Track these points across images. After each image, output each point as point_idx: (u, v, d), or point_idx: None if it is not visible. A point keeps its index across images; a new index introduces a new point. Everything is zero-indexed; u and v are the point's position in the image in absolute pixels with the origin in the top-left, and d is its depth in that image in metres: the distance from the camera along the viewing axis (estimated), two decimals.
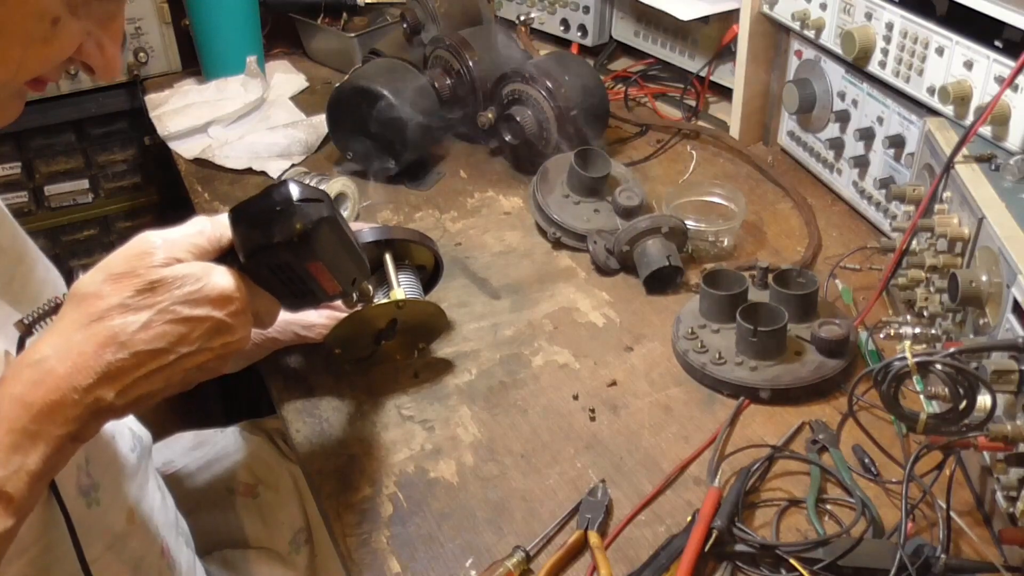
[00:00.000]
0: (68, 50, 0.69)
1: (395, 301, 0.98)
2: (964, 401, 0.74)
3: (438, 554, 0.84)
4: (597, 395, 1.00)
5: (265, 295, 0.75)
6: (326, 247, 0.74)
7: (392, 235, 1.03)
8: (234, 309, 0.71)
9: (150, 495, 0.92)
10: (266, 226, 0.71)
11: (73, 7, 0.67)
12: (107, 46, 0.71)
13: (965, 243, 0.89)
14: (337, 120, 1.37)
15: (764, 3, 1.32)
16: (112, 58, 0.72)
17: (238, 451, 1.19)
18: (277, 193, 0.72)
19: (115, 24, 0.71)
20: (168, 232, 0.71)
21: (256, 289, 0.74)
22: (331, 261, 0.75)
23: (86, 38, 0.70)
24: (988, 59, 0.97)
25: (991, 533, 0.83)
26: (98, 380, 0.65)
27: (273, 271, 0.74)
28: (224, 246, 0.73)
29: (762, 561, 0.81)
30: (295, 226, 0.71)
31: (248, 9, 1.58)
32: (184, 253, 0.70)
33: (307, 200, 0.72)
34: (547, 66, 1.35)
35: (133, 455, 0.89)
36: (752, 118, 1.43)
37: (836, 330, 0.99)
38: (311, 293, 0.77)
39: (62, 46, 0.68)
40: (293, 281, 0.75)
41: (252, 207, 0.72)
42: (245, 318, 0.72)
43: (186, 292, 0.68)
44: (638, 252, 1.15)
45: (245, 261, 0.72)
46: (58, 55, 0.68)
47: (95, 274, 0.68)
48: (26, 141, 1.66)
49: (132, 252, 0.69)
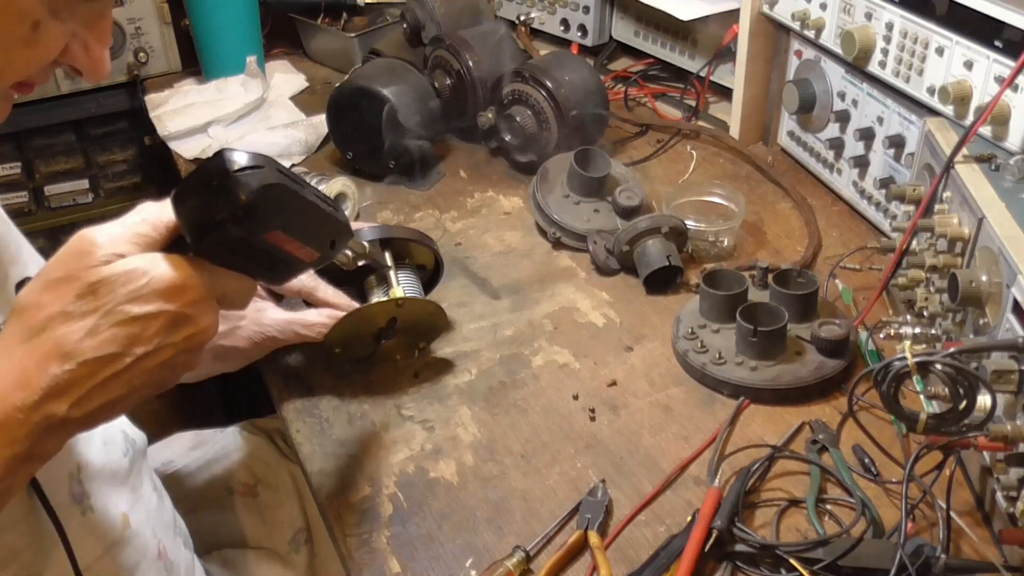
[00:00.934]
0: (51, 53, 0.66)
1: (395, 299, 0.98)
2: (964, 401, 0.74)
3: (438, 554, 0.84)
4: (597, 395, 1.00)
5: (230, 275, 0.68)
6: (279, 214, 0.67)
7: (392, 234, 1.03)
8: (190, 298, 0.65)
9: (146, 497, 0.92)
10: (205, 204, 0.64)
11: (55, 10, 0.64)
12: (93, 47, 0.68)
13: (965, 243, 0.89)
14: (337, 120, 1.37)
15: (764, 3, 1.32)
16: (98, 59, 0.69)
17: (238, 451, 1.19)
18: (212, 166, 0.64)
19: (102, 24, 0.69)
20: (108, 226, 0.65)
21: (217, 271, 0.67)
22: (291, 227, 0.68)
23: (71, 39, 0.67)
24: (988, 59, 0.97)
25: (991, 533, 0.83)
26: (44, 396, 0.61)
27: (230, 250, 0.67)
28: (173, 231, 0.66)
29: (762, 561, 0.81)
30: (237, 199, 0.63)
31: (248, 9, 1.58)
32: (127, 246, 0.64)
33: (245, 168, 0.64)
34: (547, 66, 1.35)
35: (126, 459, 0.89)
36: (752, 118, 1.43)
37: (836, 330, 0.99)
38: (284, 263, 0.71)
39: (44, 50, 0.65)
40: (257, 256, 0.68)
41: (188, 186, 0.65)
42: (205, 305, 0.66)
43: (131, 290, 0.62)
44: (638, 252, 1.15)
45: (194, 244, 0.66)
46: (40, 59, 0.66)
47: (34, 283, 0.63)
48: (26, 141, 1.66)
49: (69, 254, 0.63)
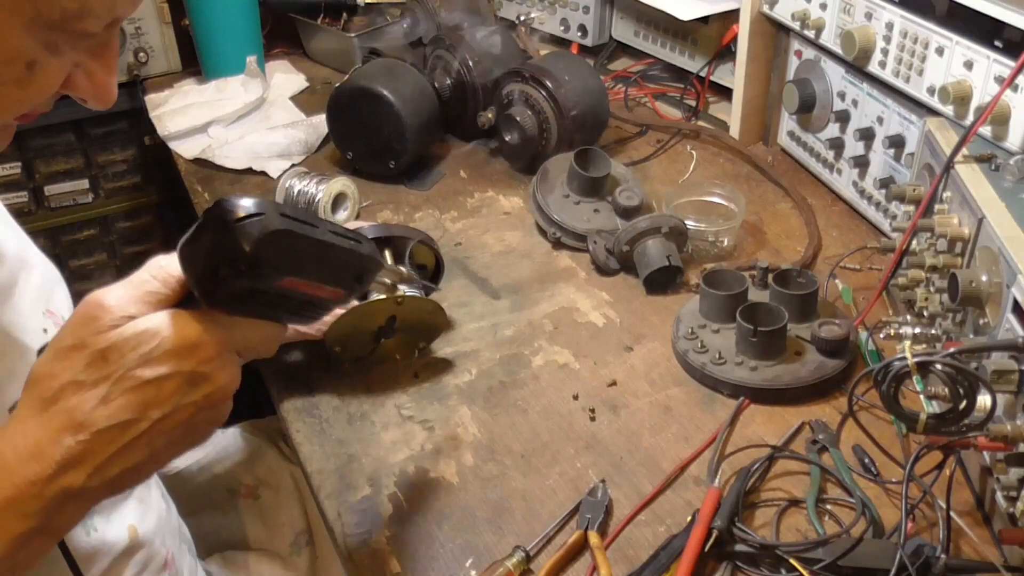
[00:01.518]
0: (50, 89, 0.63)
1: (394, 297, 0.98)
2: (964, 401, 0.74)
3: (438, 554, 0.84)
4: (597, 395, 1.00)
5: (250, 324, 0.65)
6: (288, 260, 0.64)
7: (392, 233, 1.03)
8: (204, 356, 0.62)
9: (155, 506, 0.92)
10: (208, 258, 0.61)
11: (53, 47, 0.61)
12: (98, 74, 0.66)
13: (965, 243, 0.89)
14: (337, 120, 1.37)
15: (764, 3, 1.32)
16: (103, 86, 0.66)
17: (239, 452, 1.19)
18: (212, 216, 0.61)
19: (108, 53, 0.66)
20: (117, 287, 0.63)
21: (234, 322, 0.64)
22: (305, 271, 0.66)
23: (74, 70, 0.64)
24: (988, 59, 0.97)
25: (991, 533, 0.83)
26: (60, 468, 0.59)
27: (243, 300, 0.63)
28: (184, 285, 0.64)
29: (762, 561, 0.81)
30: (239, 250, 0.60)
31: (248, 9, 1.58)
32: (137, 306, 0.62)
33: (245, 217, 0.61)
34: (547, 66, 1.35)
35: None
36: (752, 118, 1.43)
37: (836, 330, 0.99)
38: (308, 305, 0.68)
39: (41, 87, 0.62)
40: (275, 302, 0.65)
41: (189, 240, 0.62)
42: (222, 360, 0.63)
43: (141, 353, 0.60)
44: (638, 252, 1.15)
45: (204, 300, 0.63)
46: (37, 96, 0.63)
47: (47, 352, 0.62)
48: (26, 141, 1.66)
49: (79, 320, 0.62)
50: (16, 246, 0.84)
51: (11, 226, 0.85)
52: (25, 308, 0.80)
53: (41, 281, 0.85)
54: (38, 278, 0.84)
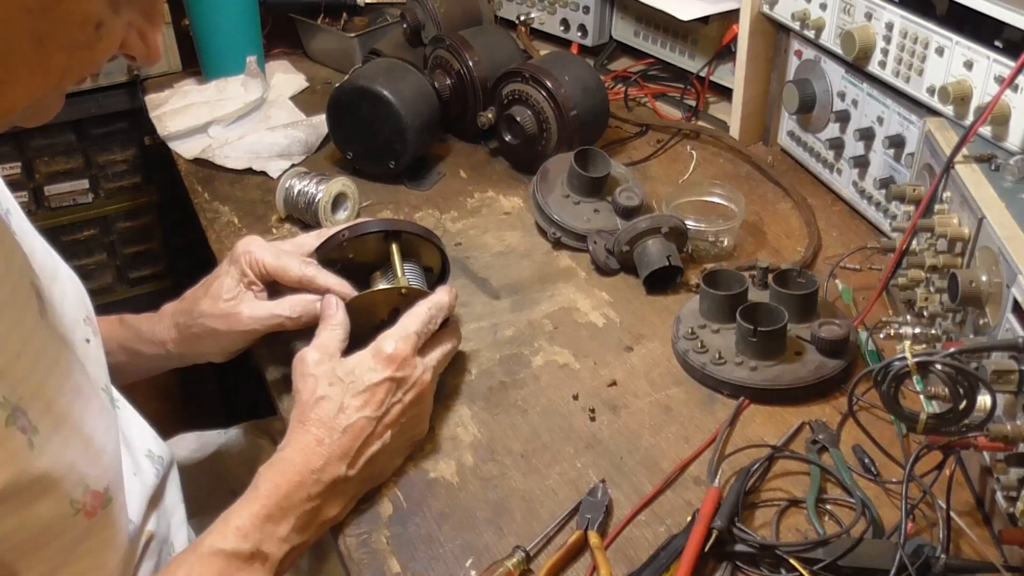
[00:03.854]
0: (111, 50, 0.65)
1: (398, 288, 0.98)
2: (964, 401, 0.74)
3: (438, 554, 0.84)
4: (597, 395, 1.00)
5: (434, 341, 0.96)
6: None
7: (399, 227, 1.03)
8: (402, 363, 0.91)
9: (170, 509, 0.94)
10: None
11: (116, 5, 0.62)
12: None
13: (965, 243, 0.89)
14: (337, 120, 1.37)
15: (764, 3, 1.32)
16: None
17: (239, 452, 1.19)
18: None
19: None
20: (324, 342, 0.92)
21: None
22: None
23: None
24: (988, 59, 0.97)
25: (991, 533, 0.83)
26: (327, 462, 0.83)
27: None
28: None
29: (762, 561, 0.81)
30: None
31: (248, 9, 1.58)
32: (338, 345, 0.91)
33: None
34: (547, 66, 1.35)
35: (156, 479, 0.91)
36: (752, 118, 1.43)
37: (836, 330, 0.99)
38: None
39: (106, 47, 0.64)
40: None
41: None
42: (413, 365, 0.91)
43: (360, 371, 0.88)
44: (638, 252, 1.15)
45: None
46: (102, 57, 0.64)
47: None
48: (26, 141, 1.66)
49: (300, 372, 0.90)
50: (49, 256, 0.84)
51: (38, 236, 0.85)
52: (68, 320, 0.80)
53: (76, 289, 0.85)
54: (72, 287, 0.85)
